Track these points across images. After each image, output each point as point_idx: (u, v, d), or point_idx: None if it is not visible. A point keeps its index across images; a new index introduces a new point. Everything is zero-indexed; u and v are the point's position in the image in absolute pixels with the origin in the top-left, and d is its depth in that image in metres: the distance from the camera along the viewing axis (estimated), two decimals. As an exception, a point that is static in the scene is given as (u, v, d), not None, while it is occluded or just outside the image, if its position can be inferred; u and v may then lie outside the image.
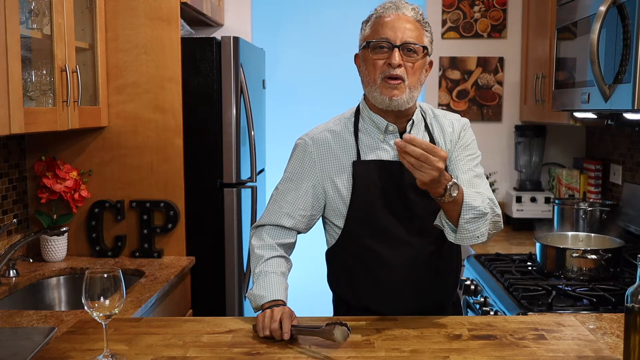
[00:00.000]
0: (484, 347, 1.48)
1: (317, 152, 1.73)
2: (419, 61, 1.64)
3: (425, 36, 1.66)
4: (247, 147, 2.93)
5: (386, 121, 1.70)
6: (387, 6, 1.67)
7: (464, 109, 3.46)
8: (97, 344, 1.50)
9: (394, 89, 1.62)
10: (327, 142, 1.73)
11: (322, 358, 1.43)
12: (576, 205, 2.78)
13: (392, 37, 1.62)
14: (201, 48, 2.72)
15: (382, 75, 1.63)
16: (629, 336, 1.32)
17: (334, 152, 1.72)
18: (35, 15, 2.13)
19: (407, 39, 1.61)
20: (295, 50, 4.01)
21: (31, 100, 2.16)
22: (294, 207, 1.74)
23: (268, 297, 1.63)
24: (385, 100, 1.63)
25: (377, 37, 1.64)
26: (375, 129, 1.72)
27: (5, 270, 2.28)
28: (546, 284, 2.16)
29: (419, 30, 1.65)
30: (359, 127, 1.73)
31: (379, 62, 1.63)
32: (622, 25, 1.95)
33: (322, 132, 1.75)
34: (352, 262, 1.74)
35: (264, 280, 1.67)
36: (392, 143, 1.69)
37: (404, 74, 1.62)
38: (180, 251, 2.69)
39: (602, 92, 2.04)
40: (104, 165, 2.65)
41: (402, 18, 1.64)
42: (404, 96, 1.63)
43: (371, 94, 1.67)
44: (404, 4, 1.67)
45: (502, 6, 3.41)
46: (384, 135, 1.71)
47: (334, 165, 1.72)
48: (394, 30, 1.62)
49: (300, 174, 1.74)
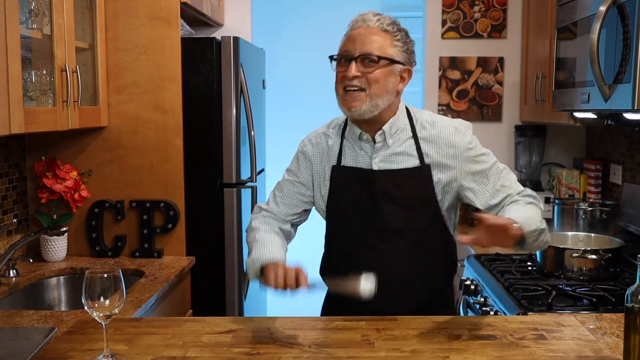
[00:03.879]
0: (484, 347, 1.48)
1: (312, 152, 1.83)
2: (380, 70, 1.66)
3: (393, 45, 1.67)
4: (247, 147, 2.93)
5: (359, 129, 1.74)
6: (356, 19, 1.72)
7: (464, 109, 3.46)
8: (97, 344, 1.50)
9: (353, 100, 1.66)
10: (320, 144, 1.83)
11: (323, 358, 1.43)
12: (576, 205, 2.78)
13: (351, 50, 1.67)
14: (201, 48, 2.72)
15: (342, 87, 1.68)
16: (629, 336, 1.32)
17: (323, 153, 1.81)
18: (35, 15, 2.13)
19: (366, 50, 1.65)
20: (295, 50, 4.02)
21: (31, 100, 2.16)
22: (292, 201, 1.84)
23: (267, 255, 1.65)
24: (346, 111, 1.69)
25: (340, 51, 1.70)
26: (354, 136, 1.77)
27: (5, 270, 2.28)
28: (546, 284, 2.16)
29: (385, 41, 1.67)
30: (345, 134, 1.80)
31: (339, 75, 1.69)
32: (622, 25, 1.95)
33: (318, 135, 1.85)
34: (334, 254, 1.84)
35: (262, 244, 1.70)
36: (367, 150, 1.75)
37: (364, 84, 1.65)
38: (180, 251, 2.69)
39: (602, 92, 2.04)
40: (104, 165, 2.65)
41: (367, 30, 1.67)
42: (364, 106, 1.66)
43: (339, 105, 1.72)
44: (369, 16, 1.70)
45: (502, 6, 3.41)
46: (360, 142, 1.76)
47: (323, 167, 1.81)
48: (354, 43, 1.67)
49: (297, 171, 1.85)
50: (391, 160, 1.72)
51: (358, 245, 1.74)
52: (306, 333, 1.56)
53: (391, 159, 1.72)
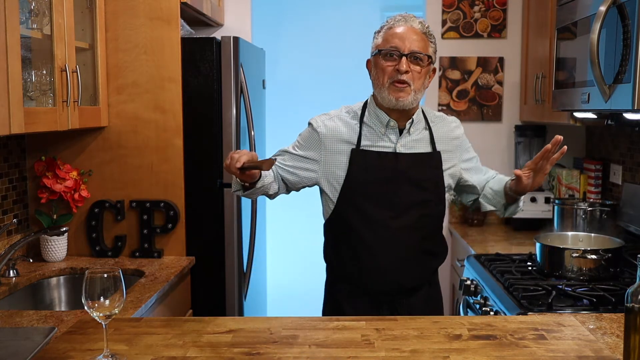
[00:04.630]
0: (484, 347, 1.48)
1: (325, 132, 1.94)
2: (424, 68, 1.87)
3: (430, 47, 1.88)
4: (247, 147, 2.93)
5: (388, 117, 1.91)
6: (397, 19, 1.89)
7: (464, 109, 3.46)
8: (97, 344, 1.50)
9: (401, 92, 1.84)
10: (335, 126, 1.95)
11: (322, 358, 1.43)
12: (576, 205, 2.78)
13: (401, 47, 1.84)
14: (201, 48, 2.72)
15: (390, 80, 1.85)
16: (629, 336, 1.32)
17: (339, 135, 1.94)
18: (35, 15, 2.13)
19: (414, 48, 1.84)
20: (295, 50, 4.01)
21: (31, 100, 2.16)
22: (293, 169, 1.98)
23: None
24: (392, 101, 1.85)
25: (387, 46, 1.86)
26: (378, 122, 1.93)
27: (5, 270, 2.28)
28: (546, 284, 2.16)
29: (424, 42, 1.87)
30: (364, 120, 1.94)
31: (388, 68, 1.85)
32: (622, 25, 1.95)
33: (332, 118, 1.98)
34: (341, 236, 1.96)
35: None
36: (391, 137, 1.92)
37: (410, 79, 1.84)
38: (180, 251, 2.69)
39: (602, 92, 2.04)
40: (104, 165, 2.65)
41: (410, 30, 1.86)
42: (409, 98, 1.85)
43: (380, 95, 1.89)
44: (412, 18, 1.89)
45: (502, 6, 3.41)
46: (385, 129, 1.92)
47: (337, 147, 1.93)
48: (402, 41, 1.84)
49: (306, 149, 1.97)
50: (411, 146, 1.92)
51: (371, 223, 1.89)
52: (306, 333, 1.56)
53: (411, 144, 1.93)
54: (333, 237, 2.00)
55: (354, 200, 1.90)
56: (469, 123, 3.47)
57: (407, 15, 1.91)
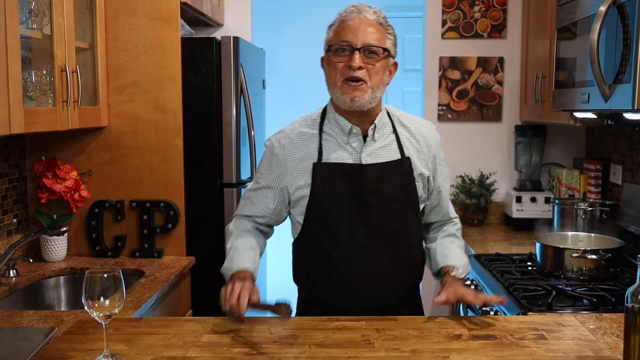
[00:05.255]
0: (484, 347, 1.48)
1: (283, 154, 1.78)
2: (380, 62, 1.68)
3: (387, 39, 1.70)
4: (247, 147, 2.93)
5: (350, 123, 1.73)
6: (349, 10, 1.71)
7: (464, 109, 3.46)
8: (97, 344, 1.50)
9: (355, 90, 1.66)
10: (292, 143, 1.78)
11: (322, 358, 1.43)
12: (576, 205, 2.78)
13: (352, 40, 1.66)
14: (201, 48, 2.72)
15: (342, 77, 1.67)
16: (629, 336, 1.32)
17: (298, 153, 1.77)
18: (35, 15, 2.13)
19: (368, 41, 1.66)
20: (295, 50, 4.02)
21: (31, 100, 2.16)
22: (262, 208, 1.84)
23: (235, 267, 1.75)
24: (347, 101, 1.67)
25: (338, 41, 1.68)
26: (339, 130, 1.75)
27: (5, 270, 2.28)
28: (546, 284, 2.16)
29: (381, 33, 1.68)
30: (324, 129, 1.77)
31: (339, 65, 1.68)
32: (622, 25, 1.95)
33: (288, 134, 1.80)
34: (309, 257, 1.79)
35: (234, 254, 1.77)
36: (354, 145, 1.74)
37: (365, 76, 1.66)
38: (180, 251, 2.69)
39: (602, 92, 2.04)
40: (104, 165, 2.65)
41: (364, 22, 1.67)
42: (365, 96, 1.67)
43: (334, 95, 1.72)
44: (366, 8, 1.70)
45: (502, 6, 3.41)
46: (347, 137, 1.75)
47: (297, 165, 1.76)
48: (355, 33, 1.66)
49: (268, 176, 1.82)
50: (378, 154, 1.74)
51: (342, 242, 1.72)
52: (306, 333, 1.56)
53: (378, 152, 1.75)
54: (302, 258, 1.83)
55: (322, 219, 1.73)
56: (469, 123, 3.48)
57: (360, 5, 1.71)
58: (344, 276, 1.73)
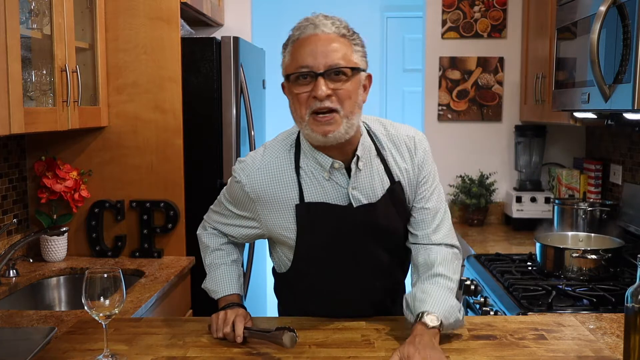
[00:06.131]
0: (484, 347, 1.48)
1: (256, 195, 1.57)
2: (350, 82, 1.43)
3: (354, 52, 1.45)
4: (247, 147, 2.93)
5: (331, 159, 1.51)
6: (303, 25, 1.45)
7: (464, 109, 3.46)
8: (97, 344, 1.50)
9: (326, 125, 1.42)
10: (265, 184, 1.55)
11: (322, 358, 1.43)
12: (576, 205, 2.78)
13: (313, 64, 1.41)
14: (201, 48, 2.72)
15: (309, 111, 1.43)
16: (629, 336, 1.32)
17: (274, 194, 1.55)
18: (35, 15, 2.13)
19: (332, 61, 1.41)
20: (295, 50, 4.01)
21: (31, 100, 2.16)
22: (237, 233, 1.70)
23: (221, 292, 1.66)
24: (319, 138, 1.44)
25: (296, 68, 1.43)
26: (319, 167, 1.53)
27: (5, 270, 2.28)
28: (546, 284, 2.16)
29: (345, 47, 1.43)
30: (300, 164, 1.54)
31: (302, 96, 1.43)
32: (622, 25, 1.95)
33: (259, 171, 1.56)
34: (301, 287, 1.68)
35: (215, 273, 1.69)
36: (340, 180, 1.53)
37: (336, 104, 1.42)
38: (180, 251, 2.69)
39: (602, 92, 2.04)
40: (104, 165, 2.65)
41: (322, 38, 1.42)
42: (340, 129, 1.43)
43: (304, 132, 1.49)
44: (321, 20, 1.44)
45: (502, 6, 3.41)
46: (329, 173, 1.52)
47: (275, 206, 1.56)
48: (314, 56, 1.41)
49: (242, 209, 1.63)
50: (366, 184, 1.54)
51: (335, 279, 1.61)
52: (306, 333, 1.56)
53: (366, 182, 1.54)
54: (290, 284, 1.71)
55: (314, 259, 1.59)
56: (469, 123, 3.48)
57: (314, 17, 1.45)
58: (338, 305, 1.65)
